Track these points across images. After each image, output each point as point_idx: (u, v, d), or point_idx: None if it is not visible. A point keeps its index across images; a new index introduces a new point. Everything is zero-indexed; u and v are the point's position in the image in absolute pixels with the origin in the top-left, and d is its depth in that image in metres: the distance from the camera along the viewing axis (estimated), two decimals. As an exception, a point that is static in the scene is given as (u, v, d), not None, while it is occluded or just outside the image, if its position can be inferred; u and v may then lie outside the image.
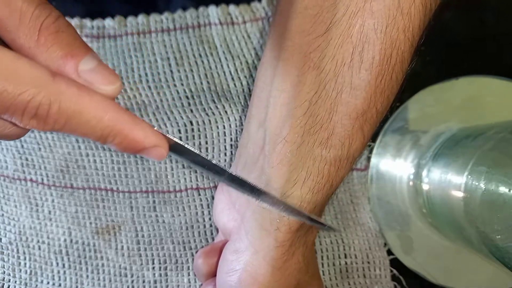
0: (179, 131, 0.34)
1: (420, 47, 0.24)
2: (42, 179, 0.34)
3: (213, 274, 0.31)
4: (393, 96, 0.25)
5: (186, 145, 0.21)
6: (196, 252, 0.34)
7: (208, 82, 0.34)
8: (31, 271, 0.34)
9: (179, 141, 0.21)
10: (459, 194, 0.28)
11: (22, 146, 0.34)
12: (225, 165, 0.33)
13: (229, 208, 0.30)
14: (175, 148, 0.21)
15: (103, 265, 0.34)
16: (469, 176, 0.28)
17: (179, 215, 0.34)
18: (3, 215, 0.35)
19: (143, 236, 0.34)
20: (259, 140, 0.27)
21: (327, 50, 0.23)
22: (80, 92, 0.17)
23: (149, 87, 0.34)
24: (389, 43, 0.22)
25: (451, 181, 0.29)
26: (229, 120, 0.33)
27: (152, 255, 0.34)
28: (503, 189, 0.25)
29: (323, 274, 0.34)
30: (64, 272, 0.34)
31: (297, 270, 0.27)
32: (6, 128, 0.19)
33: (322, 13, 0.23)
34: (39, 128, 0.17)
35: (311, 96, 0.24)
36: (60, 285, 0.34)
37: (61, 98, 0.17)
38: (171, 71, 0.34)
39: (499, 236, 0.25)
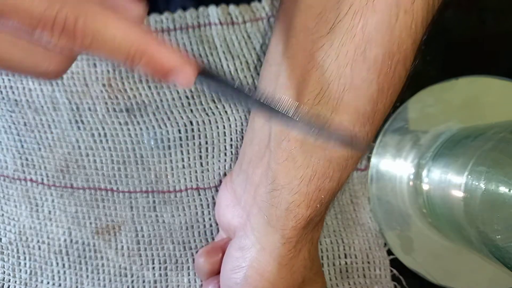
0: (179, 131, 0.34)
1: (422, 45, 0.24)
2: (42, 179, 0.34)
3: (214, 273, 0.31)
4: (396, 95, 0.25)
5: (212, 70, 0.20)
6: (196, 252, 0.34)
7: (208, 82, 0.34)
8: (31, 271, 0.34)
9: (206, 66, 0.20)
10: (459, 194, 0.28)
11: (22, 146, 0.35)
12: (225, 166, 0.33)
13: (233, 205, 0.30)
14: (202, 74, 0.20)
15: (103, 265, 0.34)
16: (469, 176, 0.28)
17: (179, 215, 0.34)
18: (3, 215, 0.35)
19: (143, 236, 0.34)
20: (264, 137, 0.27)
21: (330, 50, 0.23)
22: (104, 9, 0.18)
23: (149, 87, 0.34)
24: (391, 42, 0.23)
25: (451, 181, 0.29)
26: (229, 120, 0.33)
27: (152, 255, 0.34)
28: (503, 189, 0.25)
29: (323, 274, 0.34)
30: (64, 272, 0.34)
31: (303, 267, 0.27)
32: (46, 60, 0.19)
33: (326, 12, 0.23)
34: (70, 45, 0.18)
35: (315, 96, 0.24)
36: (60, 285, 0.34)
37: (86, 13, 0.18)
38: (171, 71, 0.34)
39: (499, 236, 0.25)
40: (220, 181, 0.34)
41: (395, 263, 0.34)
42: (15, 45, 0.19)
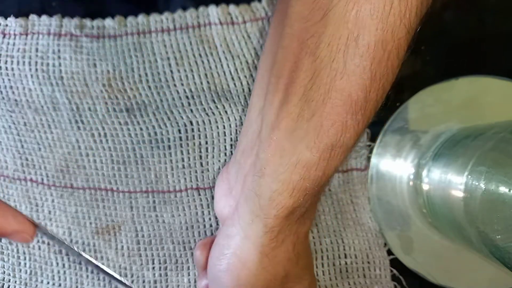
0: (179, 131, 0.34)
1: (416, 36, 0.24)
2: (42, 179, 0.34)
3: None
4: (389, 85, 0.24)
5: (48, 230, 0.26)
6: (196, 252, 0.34)
7: (208, 82, 0.34)
8: (31, 271, 0.34)
9: (42, 226, 0.26)
10: (459, 194, 0.28)
11: (22, 146, 0.34)
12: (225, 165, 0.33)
13: (226, 194, 0.30)
14: (42, 230, 0.26)
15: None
16: (469, 176, 0.28)
17: (179, 215, 0.34)
18: (3, 215, 0.35)
19: (143, 236, 0.34)
20: (257, 127, 0.27)
21: (323, 37, 0.23)
22: None
23: (149, 87, 0.34)
24: (385, 29, 0.22)
25: (451, 181, 0.29)
26: (229, 120, 0.33)
27: (152, 255, 0.34)
28: (503, 189, 0.25)
29: (323, 274, 0.34)
30: (64, 272, 0.34)
31: (286, 259, 0.27)
32: None
33: (320, 0, 0.23)
34: None
35: (306, 82, 0.24)
36: (60, 285, 0.34)
37: None
38: (171, 71, 0.34)
39: (499, 236, 0.25)
40: (220, 181, 0.34)
41: (395, 263, 0.34)
42: None
